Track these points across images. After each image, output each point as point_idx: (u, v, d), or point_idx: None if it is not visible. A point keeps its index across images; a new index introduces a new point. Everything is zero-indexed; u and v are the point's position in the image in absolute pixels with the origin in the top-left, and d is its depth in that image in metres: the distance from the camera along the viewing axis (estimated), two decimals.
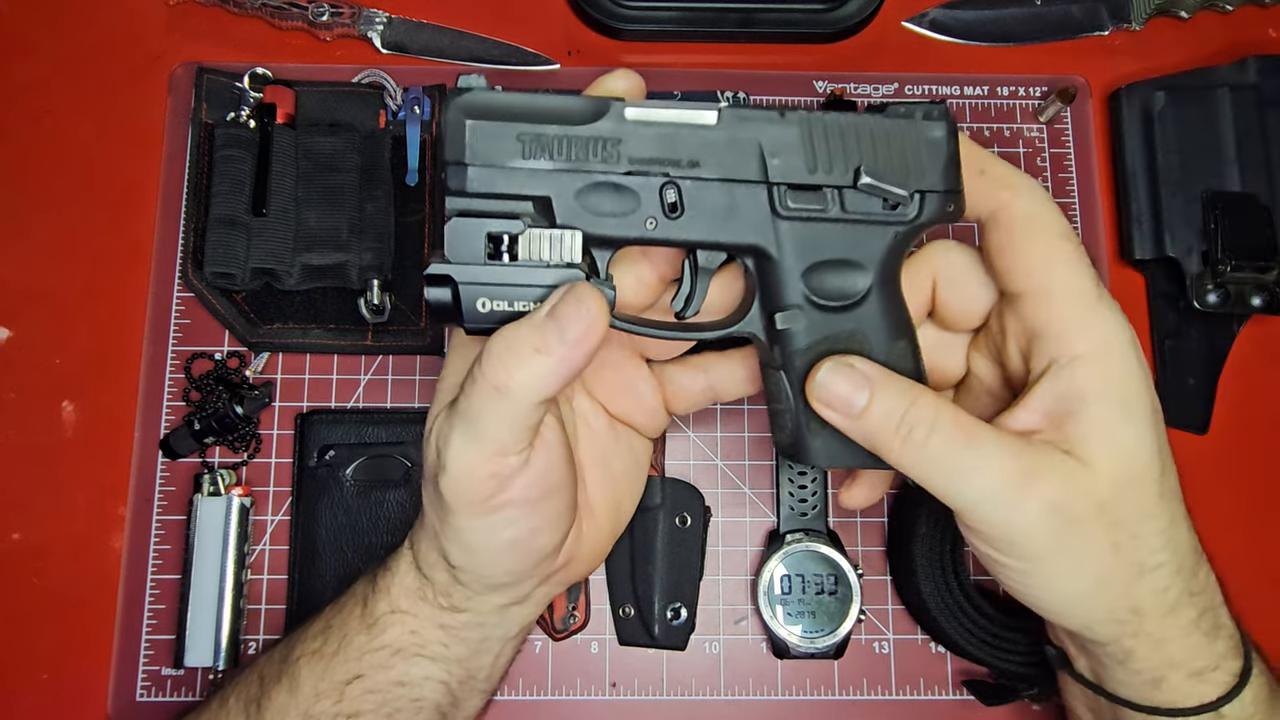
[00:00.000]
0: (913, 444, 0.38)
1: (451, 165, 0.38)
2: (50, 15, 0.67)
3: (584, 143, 0.39)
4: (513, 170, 0.38)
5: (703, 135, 0.39)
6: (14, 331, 0.63)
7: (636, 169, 0.39)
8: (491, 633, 0.46)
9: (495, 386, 0.37)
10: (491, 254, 0.38)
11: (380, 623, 0.46)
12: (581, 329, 0.37)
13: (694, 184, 0.39)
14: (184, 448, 0.60)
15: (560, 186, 0.39)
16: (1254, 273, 0.60)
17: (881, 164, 0.39)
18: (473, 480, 0.39)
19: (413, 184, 0.63)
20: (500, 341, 0.38)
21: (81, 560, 0.59)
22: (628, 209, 0.39)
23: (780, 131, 0.39)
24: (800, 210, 0.40)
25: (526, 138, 0.38)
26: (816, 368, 0.40)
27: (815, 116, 0.40)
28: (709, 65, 0.68)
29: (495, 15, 0.68)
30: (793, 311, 0.41)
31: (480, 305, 0.39)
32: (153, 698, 0.58)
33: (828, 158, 0.39)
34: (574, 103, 0.39)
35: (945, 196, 0.40)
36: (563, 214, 0.39)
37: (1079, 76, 0.68)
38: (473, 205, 0.39)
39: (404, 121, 0.64)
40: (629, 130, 0.39)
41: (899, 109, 0.40)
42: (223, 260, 0.59)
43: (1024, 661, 0.55)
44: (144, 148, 0.65)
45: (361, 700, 0.45)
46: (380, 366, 0.62)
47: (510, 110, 0.38)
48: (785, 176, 0.39)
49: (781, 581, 0.58)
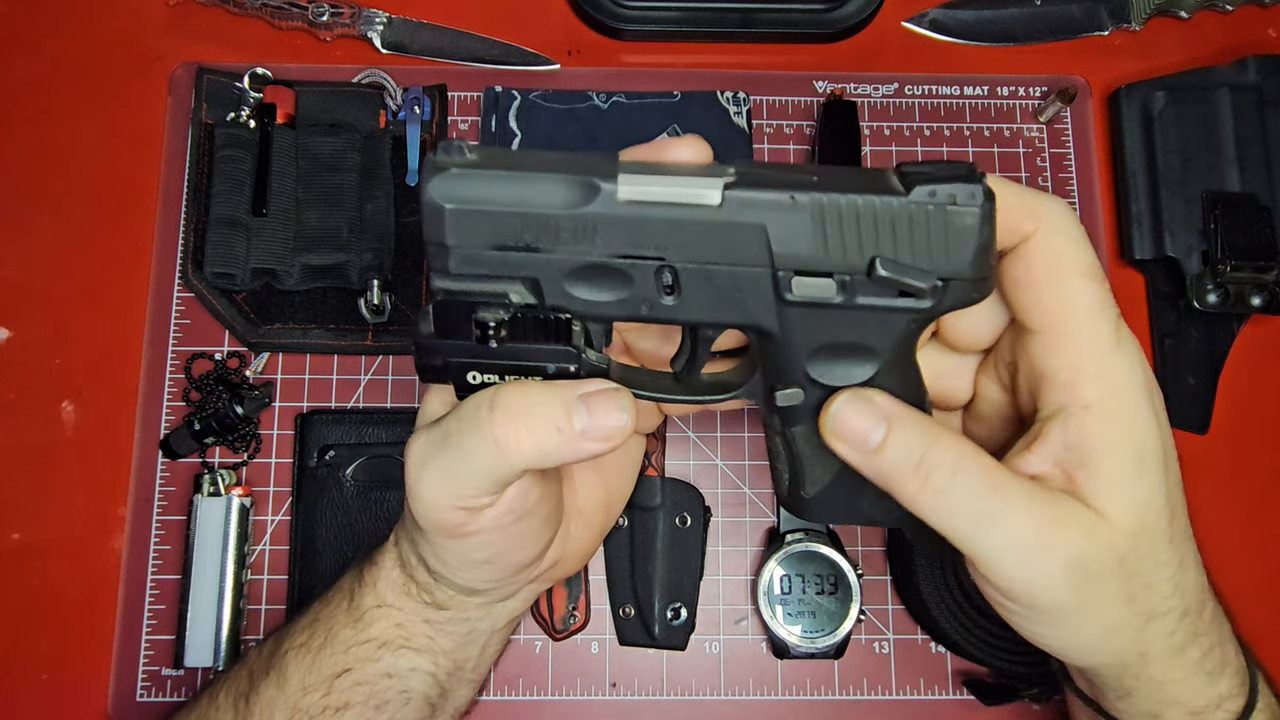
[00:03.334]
0: (932, 487, 0.35)
1: (433, 245, 0.35)
2: (50, 15, 0.67)
3: (573, 227, 0.35)
4: (497, 256, 0.35)
5: (702, 219, 0.35)
6: (14, 331, 0.63)
7: (630, 253, 0.35)
8: (477, 626, 0.47)
9: (498, 441, 0.36)
10: (480, 338, 0.36)
11: (366, 616, 0.46)
12: (607, 431, 0.36)
13: (693, 267, 0.35)
14: (184, 448, 0.60)
15: (548, 270, 0.35)
16: (1254, 273, 0.60)
17: (901, 252, 0.35)
18: (441, 511, 0.38)
19: (413, 184, 0.64)
20: (521, 402, 0.36)
21: (81, 560, 0.59)
22: (620, 292, 0.36)
23: (789, 218, 0.35)
24: (807, 297, 0.36)
25: (510, 221, 0.35)
26: (832, 399, 0.37)
27: (830, 200, 0.35)
28: (709, 65, 0.68)
29: (495, 15, 0.68)
30: (794, 390, 0.38)
31: (471, 377, 0.37)
32: (152, 698, 0.58)
33: (841, 245, 0.35)
34: (561, 186, 0.34)
35: (971, 284, 0.35)
36: (552, 296, 0.36)
37: (1079, 76, 0.68)
38: (458, 285, 0.36)
39: (404, 121, 0.64)
40: (622, 213, 0.34)
41: (925, 190, 0.34)
42: (223, 260, 0.59)
43: (1024, 661, 0.55)
44: (144, 148, 0.65)
45: (350, 692, 0.45)
46: (380, 366, 0.62)
47: (492, 193, 0.35)
48: (793, 264, 0.35)
49: (781, 581, 0.58)
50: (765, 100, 0.67)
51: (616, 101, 0.66)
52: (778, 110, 0.67)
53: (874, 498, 0.40)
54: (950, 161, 0.35)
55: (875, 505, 0.40)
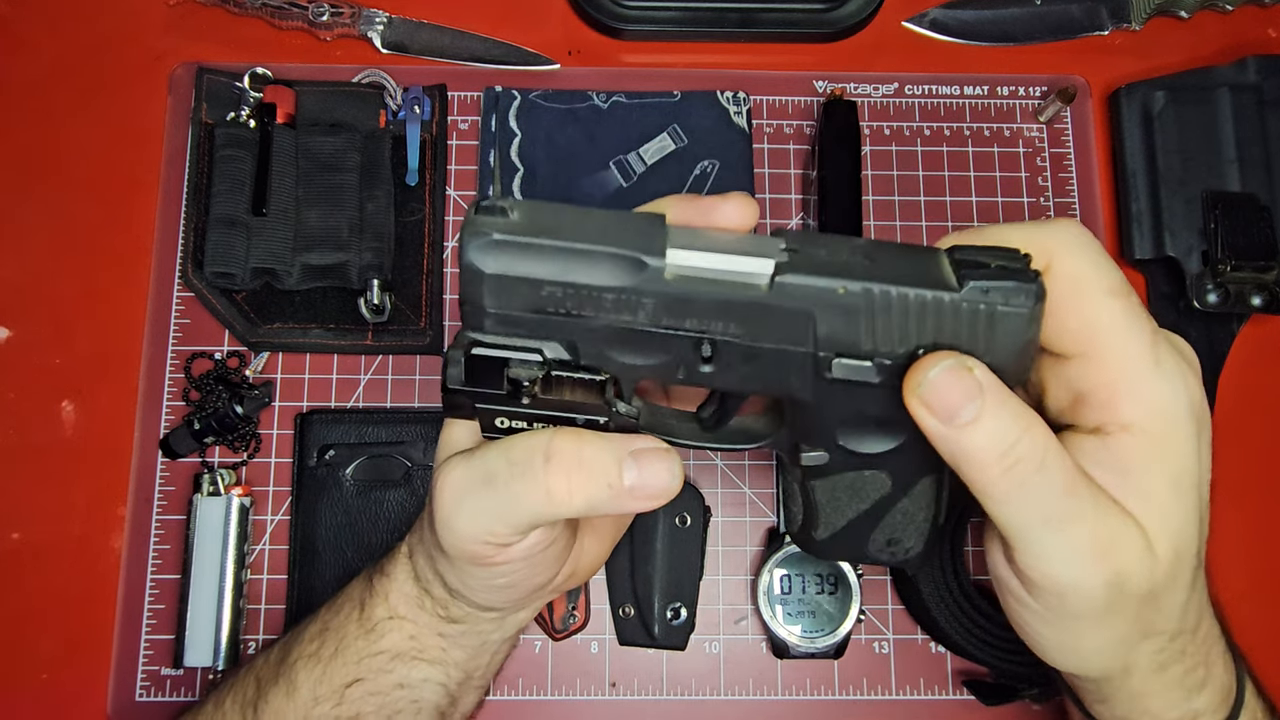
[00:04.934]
0: (1013, 478, 0.34)
1: (469, 306, 0.34)
2: (50, 15, 0.67)
3: (615, 299, 0.34)
4: (535, 320, 0.35)
5: (751, 297, 0.34)
6: (14, 331, 0.63)
7: (672, 326, 0.35)
8: (489, 638, 0.47)
9: (550, 492, 0.36)
10: (510, 393, 0.36)
11: (379, 628, 0.46)
12: (654, 491, 0.36)
13: (736, 342, 0.35)
14: (184, 448, 0.60)
15: (586, 335, 0.35)
16: (1254, 273, 0.60)
17: (947, 344, 0.34)
18: (474, 543, 0.38)
19: (413, 184, 0.64)
20: (574, 456, 0.36)
21: (81, 560, 0.59)
22: (657, 357, 0.35)
23: (837, 305, 0.34)
24: (846, 376, 0.35)
25: (553, 290, 0.34)
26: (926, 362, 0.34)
27: (880, 292, 0.34)
28: (709, 65, 0.68)
29: (495, 15, 0.68)
30: (820, 454, 0.38)
31: (499, 422, 0.37)
32: (152, 698, 0.58)
33: (888, 335, 0.34)
34: (607, 263, 0.33)
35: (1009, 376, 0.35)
36: (588, 357, 0.36)
37: (1079, 76, 0.68)
38: (490, 347, 0.35)
39: (404, 121, 0.64)
40: (667, 289, 0.34)
41: (980, 287, 0.33)
42: (223, 260, 0.59)
43: (1024, 661, 0.55)
44: (144, 148, 0.65)
45: (362, 703, 0.45)
46: (380, 366, 0.62)
47: (535, 261, 0.33)
48: (835, 349, 0.35)
49: (781, 581, 0.58)
50: (765, 100, 0.67)
51: (616, 101, 0.66)
52: (778, 110, 0.67)
53: (882, 542, 0.40)
54: (1005, 250, 0.34)
55: (883, 549, 0.41)
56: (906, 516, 0.40)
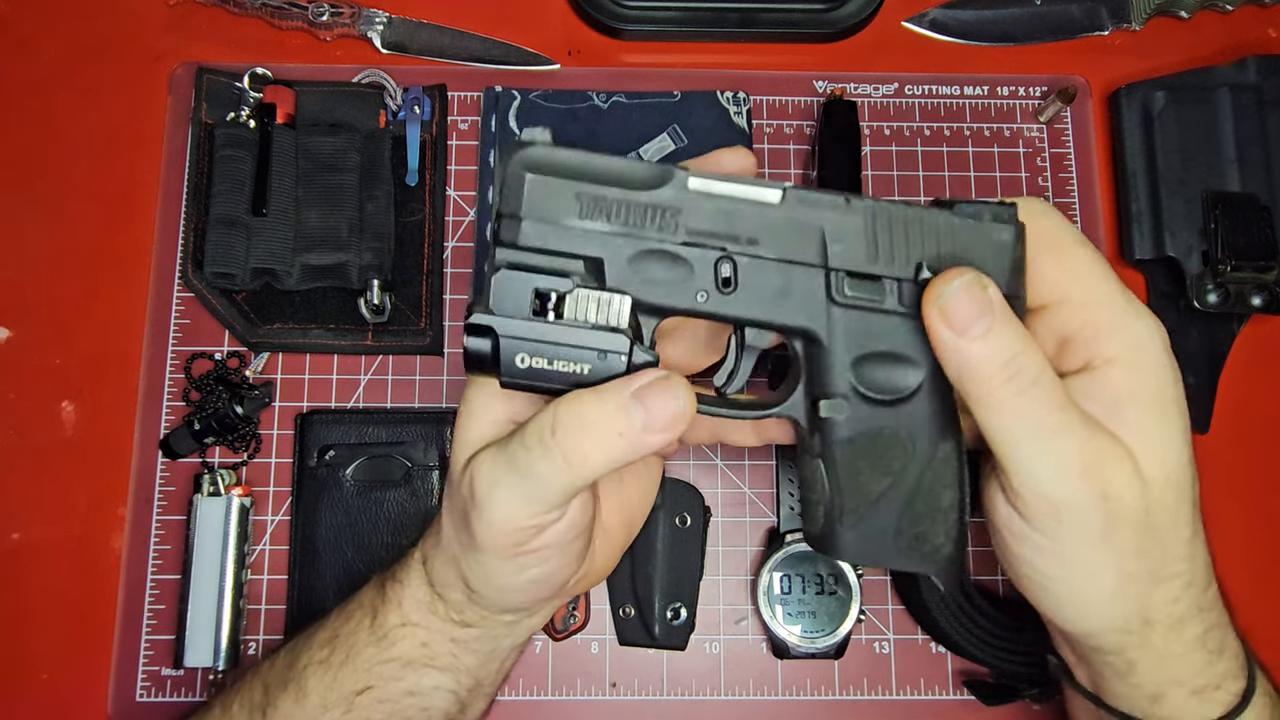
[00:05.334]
0: (1011, 388, 0.36)
1: (506, 218, 0.37)
2: (50, 15, 0.67)
3: (643, 209, 0.37)
4: (567, 228, 0.37)
5: (764, 213, 0.38)
6: (14, 331, 0.63)
7: (694, 240, 0.38)
8: (501, 643, 0.47)
9: (566, 458, 0.36)
10: (537, 310, 0.37)
11: (390, 635, 0.45)
12: (668, 421, 0.36)
13: (750, 261, 0.38)
14: (184, 448, 0.60)
15: (614, 250, 0.38)
16: (1254, 273, 0.60)
17: (945, 261, 0.38)
18: (512, 531, 0.39)
19: (413, 184, 0.63)
20: (577, 415, 0.37)
21: (81, 560, 0.59)
22: (680, 279, 0.38)
23: (844, 218, 0.38)
24: (857, 299, 0.38)
25: (585, 197, 0.37)
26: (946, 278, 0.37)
27: (881, 206, 0.38)
28: (709, 65, 0.68)
29: (495, 15, 0.68)
30: (838, 401, 0.39)
31: (519, 360, 0.37)
32: (153, 698, 0.58)
33: (890, 249, 0.38)
34: (637, 168, 0.38)
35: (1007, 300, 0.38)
36: (614, 277, 0.38)
37: (1079, 76, 0.68)
38: (523, 259, 0.37)
39: (404, 121, 0.64)
40: (690, 201, 0.38)
41: (967, 207, 0.38)
42: (223, 260, 0.59)
43: (1025, 661, 0.55)
44: (144, 148, 0.65)
45: (371, 710, 0.45)
46: (380, 366, 0.62)
47: (572, 168, 0.38)
48: (845, 263, 0.38)
49: (781, 581, 0.58)
50: (765, 100, 0.67)
51: (616, 101, 0.66)
52: (778, 110, 0.67)
53: (910, 536, 0.40)
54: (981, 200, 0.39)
55: (910, 545, 0.40)
56: (931, 499, 0.40)
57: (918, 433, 0.39)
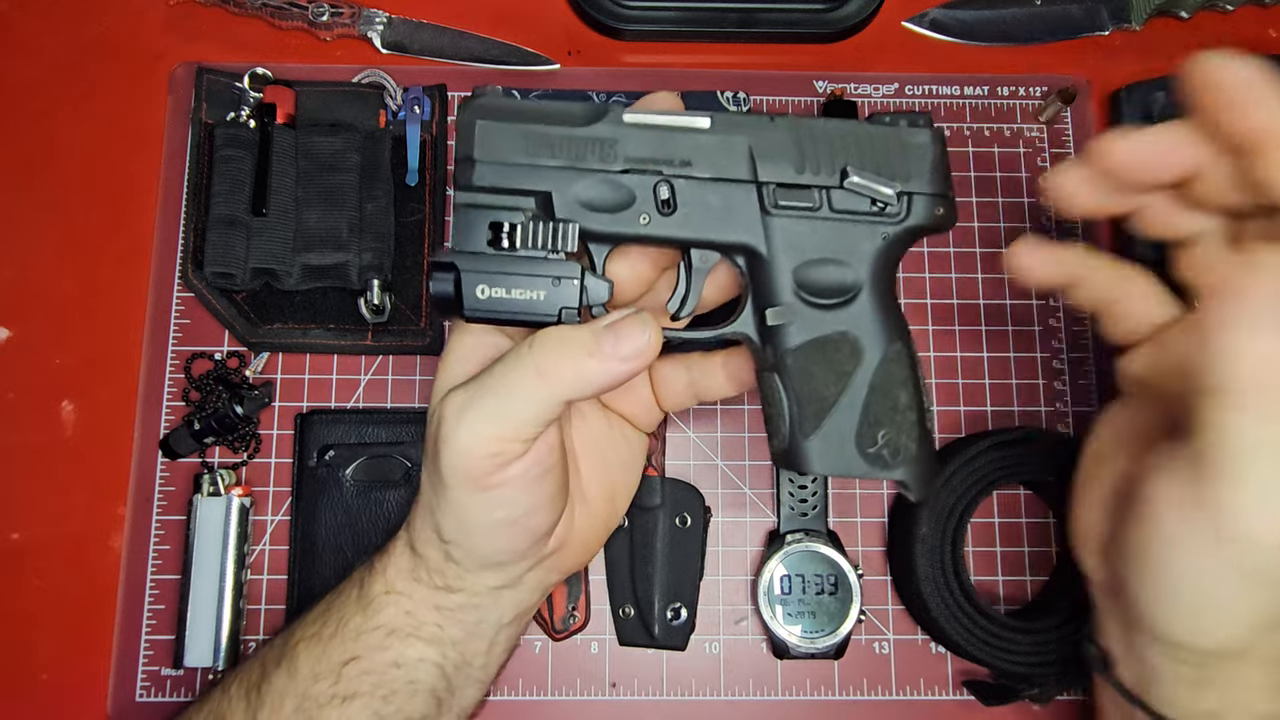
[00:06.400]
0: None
1: (461, 161, 0.41)
2: (50, 15, 0.67)
3: (583, 143, 0.41)
4: (516, 166, 0.41)
5: (696, 138, 0.41)
6: (14, 331, 0.63)
7: (632, 167, 0.41)
8: (486, 615, 0.47)
9: (540, 370, 0.39)
10: (492, 241, 0.41)
11: (375, 603, 0.46)
12: (635, 348, 0.40)
13: (687, 183, 0.41)
14: (184, 448, 0.60)
15: (560, 183, 0.41)
16: None
17: (868, 166, 0.41)
18: (476, 456, 0.40)
19: (413, 184, 0.63)
20: (555, 334, 0.40)
21: (81, 560, 0.59)
22: (623, 205, 0.41)
23: (770, 135, 0.41)
24: (789, 209, 0.41)
25: (531, 136, 0.41)
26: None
27: (804, 121, 0.42)
28: (709, 65, 0.68)
29: (495, 15, 0.68)
30: (783, 308, 0.42)
31: (480, 291, 0.40)
32: (152, 698, 0.58)
33: (815, 159, 0.41)
34: (576, 107, 0.42)
35: (932, 200, 0.42)
36: (562, 209, 0.41)
37: (1079, 76, 0.68)
38: (478, 199, 0.41)
39: (404, 121, 0.64)
40: (626, 132, 0.41)
41: (884, 117, 0.42)
42: (223, 260, 0.59)
43: (1024, 661, 0.55)
44: (144, 148, 0.65)
45: (358, 681, 0.45)
46: (380, 366, 0.62)
47: (517, 112, 0.41)
48: (774, 176, 0.41)
49: (781, 581, 0.58)
50: (765, 100, 0.67)
51: (616, 101, 0.66)
52: (778, 110, 0.67)
53: (872, 439, 0.42)
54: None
55: (875, 449, 0.42)
56: (887, 399, 0.42)
57: (864, 333, 0.42)
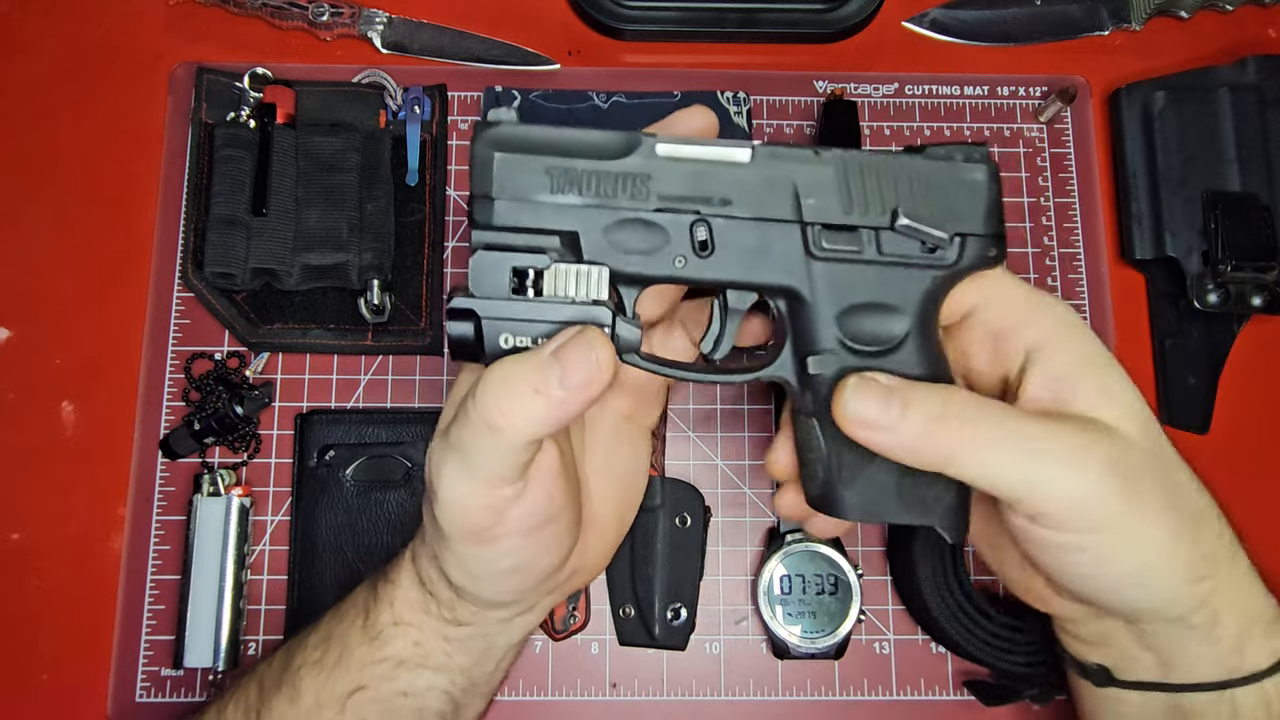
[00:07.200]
0: (968, 431, 0.36)
1: (478, 199, 0.37)
2: (50, 15, 0.67)
3: (613, 178, 0.38)
4: (540, 205, 0.37)
5: (735, 173, 0.38)
6: (14, 331, 0.63)
7: (666, 206, 0.38)
8: (495, 641, 0.46)
9: (487, 423, 0.36)
10: (516, 289, 0.37)
11: (383, 635, 0.45)
12: (584, 376, 0.36)
13: (725, 222, 0.38)
14: (184, 448, 0.60)
15: (588, 222, 0.38)
16: (1254, 273, 0.60)
17: (920, 206, 0.38)
18: (467, 511, 0.38)
19: (413, 184, 0.63)
20: (497, 375, 0.36)
21: (81, 560, 0.59)
22: (656, 246, 0.38)
23: (815, 171, 0.38)
24: (835, 251, 0.38)
25: (555, 172, 0.37)
26: (838, 392, 0.37)
27: (851, 156, 0.38)
28: (709, 65, 0.68)
29: (495, 15, 0.68)
30: (825, 356, 0.39)
31: (503, 340, 0.38)
32: (152, 698, 0.58)
33: (864, 198, 0.38)
34: (604, 137, 0.38)
35: (986, 241, 0.38)
36: (590, 250, 0.38)
37: (1079, 76, 0.68)
38: (499, 239, 0.38)
39: (404, 121, 0.64)
40: (659, 166, 0.38)
41: (938, 150, 0.38)
42: (223, 260, 0.59)
43: (1024, 661, 0.55)
44: (144, 148, 0.65)
45: (365, 709, 0.45)
46: (380, 366, 0.62)
47: (539, 144, 0.38)
48: (820, 216, 0.38)
49: (781, 581, 0.58)
50: (765, 100, 0.67)
51: (616, 101, 0.66)
52: (778, 110, 0.67)
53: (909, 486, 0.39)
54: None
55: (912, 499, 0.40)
56: None
57: None
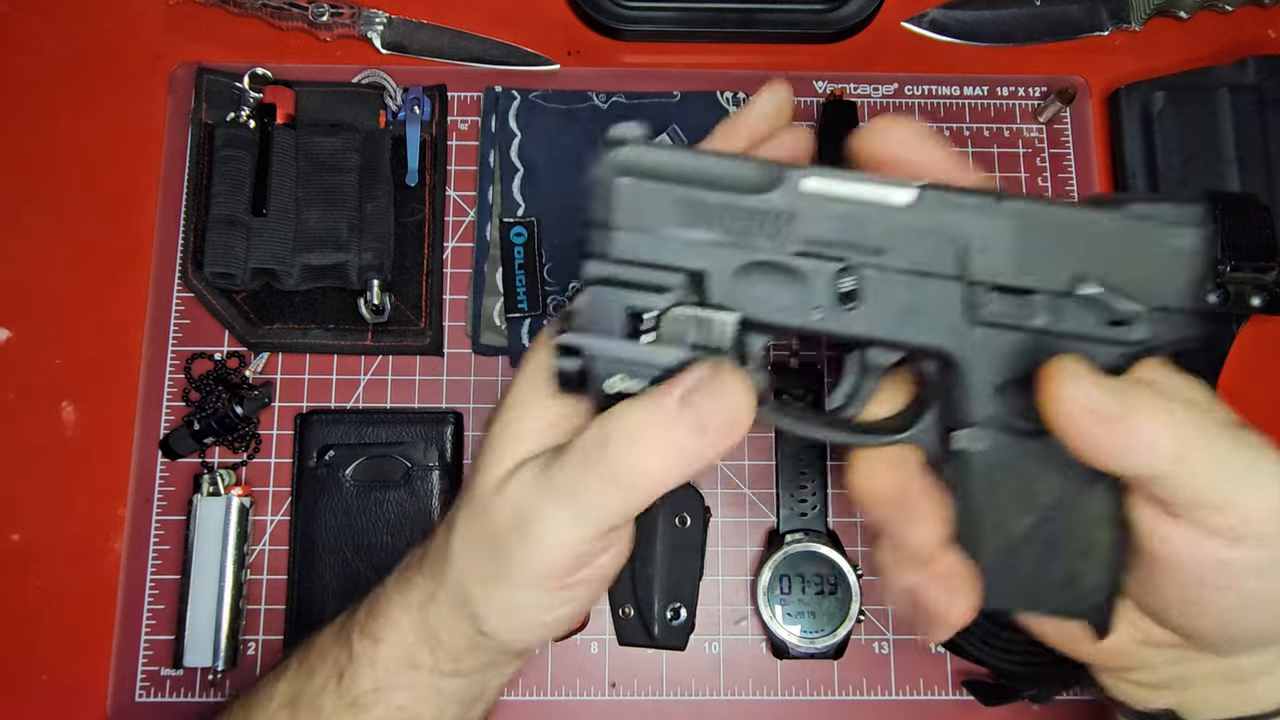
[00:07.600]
0: (1192, 428, 0.32)
1: (597, 227, 0.33)
2: (50, 15, 0.67)
3: (751, 215, 0.33)
4: (665, 238, 0.33)
5: (894, 218, 0.33)
6: (14, 331, 0.63)
7: (809, 250, 0.33)
8: (489, 685, 0.43)
9: (616, 479, 0.33)
10: (630, 331, 0.33)
11: (361, 701, 0.40)
12: (723, 424, 0.32)
13: (876, 273, 0.33)
14: (184, 448, 0.60)
15: (718, 261, 0.33)
16: (1254, 273, 0.60)
17: (1111, 272, 0.32)
18: (564, 557, 0.35)
19: (413, 184, 0.63)
20: (625, 430, 0.33)
21: (81, 561, 0.59)
22: (793, 294, 0.33)
23: (990, 223, 0.32)
24: (1002, 316, 0.33)
25: (686, 203, 0.33)
26: (1052, 377, 0.31)
27: (1036, 208, 0.32)
28: (709, 65, 0.68)
29: (495, 15, 0.68)
30: (975, 431, 0.34)
31: (616, 381, 0.34)
32: (152, 698, 0.58)
33: (1044, 258, 0.32)
34: (744, 168, 0.33)
35: (1184, 318, 0.33)
36: (718, 293, 0.33)
37: (1079, 76, 0.68)
38: (615, 273, 0.33)
39: (404, 121, 0.64)
40: (805, 205, 0.33)
41: (1138, 207, 0.32)
42: (223, 260, 0.59)
43: (1024, 661, 0.55)
44: (144, 148, 0.65)
45: None
46: (380, 366, 0.62)
47: (669, 171, 0.33)
48: (989, 276, 0.32)
49: (781, 581, 0.58)
50: None
51: (616, 102, 0.66)
52: None
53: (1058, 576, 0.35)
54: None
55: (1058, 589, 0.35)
56: (1085, 538, 0.35)
57: (1069, 464, 0.33)
